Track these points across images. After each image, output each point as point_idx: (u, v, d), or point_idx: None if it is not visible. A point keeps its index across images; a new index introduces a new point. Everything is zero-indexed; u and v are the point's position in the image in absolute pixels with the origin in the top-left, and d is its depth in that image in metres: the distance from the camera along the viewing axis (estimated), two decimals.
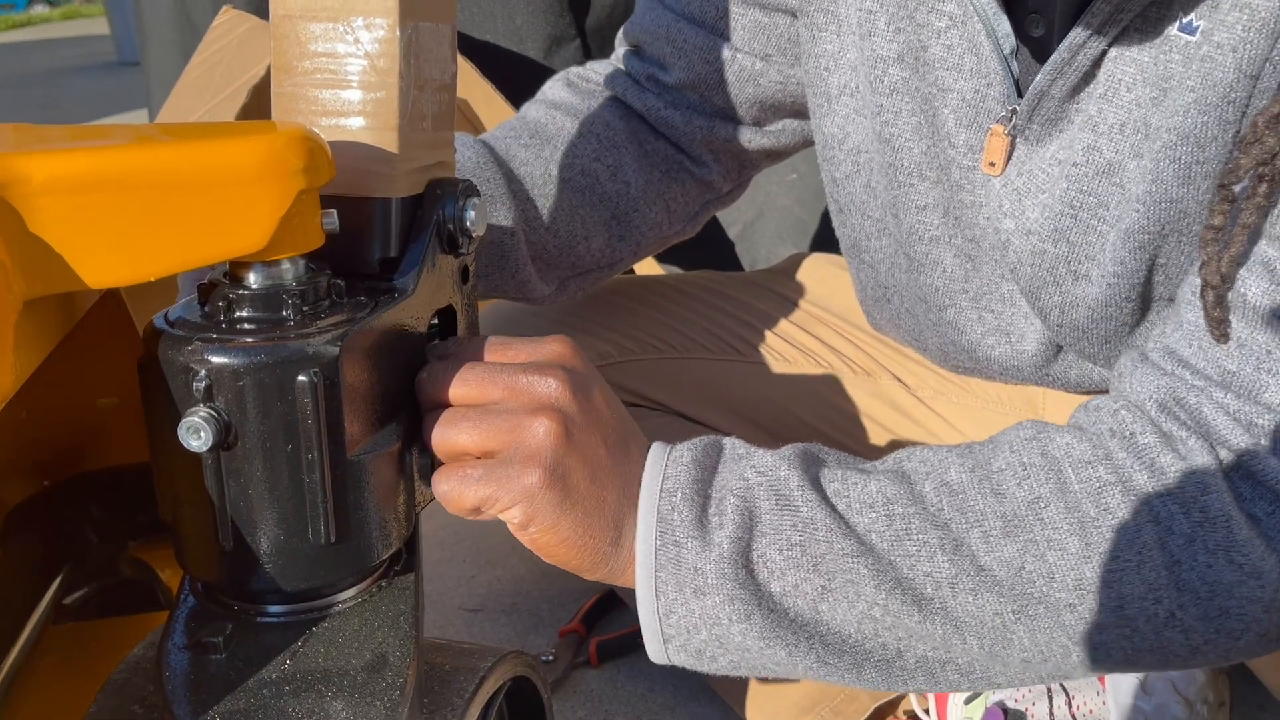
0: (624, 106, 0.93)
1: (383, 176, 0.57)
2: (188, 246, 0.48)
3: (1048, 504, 0.58)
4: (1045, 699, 0.87)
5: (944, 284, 0.84)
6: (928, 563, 0.58)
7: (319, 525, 0.52)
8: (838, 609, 0.58)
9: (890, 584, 0.58)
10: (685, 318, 1.03)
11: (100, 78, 6.75)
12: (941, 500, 0.59)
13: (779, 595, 0.58)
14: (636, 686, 1.10)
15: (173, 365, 0.50)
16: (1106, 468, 0.59)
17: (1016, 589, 0.58)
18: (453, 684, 0.59)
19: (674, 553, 0.57)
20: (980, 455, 0.62)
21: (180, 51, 1.80)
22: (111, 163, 0.46)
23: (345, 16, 0.56)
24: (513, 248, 0.84)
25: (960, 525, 0.58)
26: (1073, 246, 0.73)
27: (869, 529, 0.58)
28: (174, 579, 0.72)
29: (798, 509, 0.58)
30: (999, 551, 0.58)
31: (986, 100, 0.76)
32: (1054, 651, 0.59)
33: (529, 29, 1.56)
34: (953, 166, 0.79)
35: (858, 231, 0.90)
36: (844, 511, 0.59)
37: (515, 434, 0.56)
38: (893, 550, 0.58)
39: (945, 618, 0.58)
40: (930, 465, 0.62)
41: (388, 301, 0.56)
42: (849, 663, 0.59)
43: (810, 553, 0.58)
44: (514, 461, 0.56)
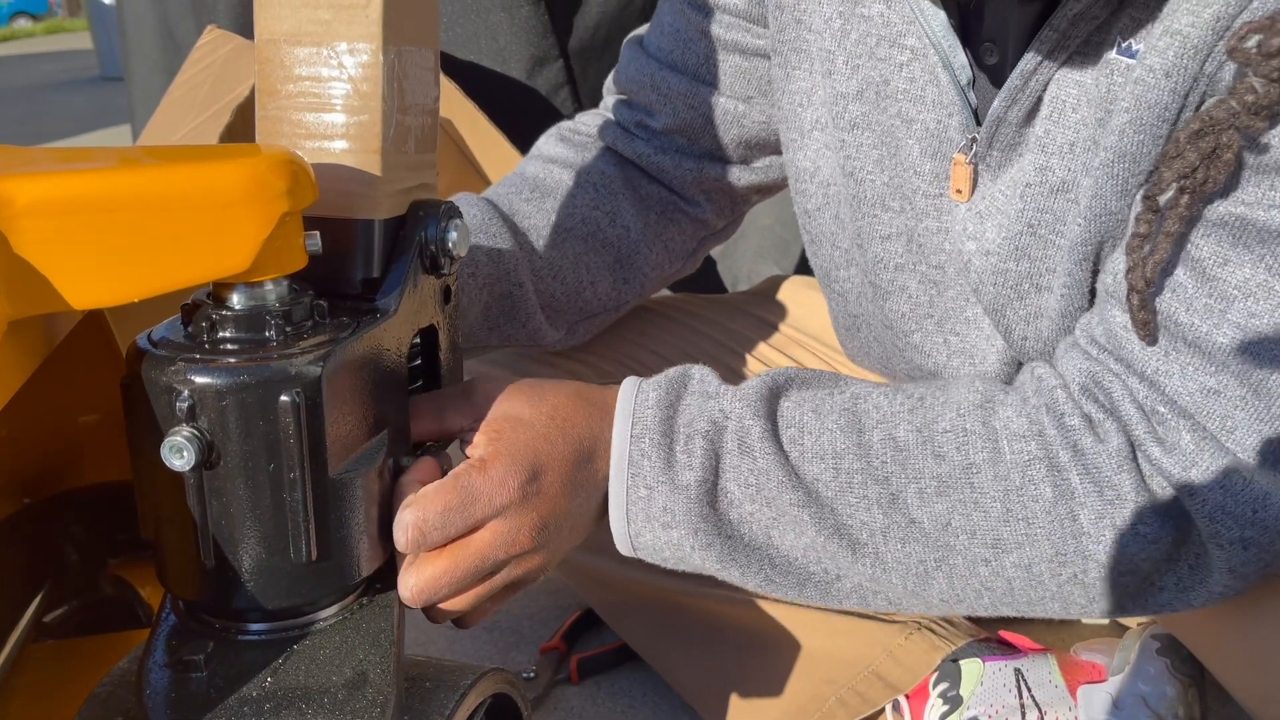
0: (616, 155, 0.96)
1: (365, 198, 0.58)
2: (171, 268, 0.49)
3: (980, 470, 0.66)
4: (1018, 715, 0.88)
5: (910, 309, 0.86)
6: (865, 514, 0.66)
7: (300, 544, 0.53)
8: (785, 537, 0.67)
9: (830, 529, 0.66)
10: (662, 340, 1.04)
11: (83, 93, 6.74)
12: (886, 454, 0.67)
13: (735, 522, 0.67)
14: (617, 703, 1.10)
15: (156, 385, 0.51)
16: (1038, 444, 0.66)
17: (941, 542, 0.66)
18: (433, 701, 0.59)
19: (645, 494, 0.66)
20: (929, 412, 0.68)
21: (164, 68, 1.80)
22: (95, 186, 0.47)
23: (329, 41, 0.56)
24: (522, 298, 0.87)
25: (899, 480, 0.66)
26: (1034, 262, 0.76)
27: (817, 479, 0.66)
28: (155, 597, 0.72)
29: (756, 458, 0.66)
30: (930, 508, 0.66)
31: (948, 130, 0.78)
32: (968, 595, 0.68)
33: (512, 50, 1.57)
34: (918, 195, 0.81)
35: (828, 262, 0.92)
36: (795, 460, 0.67)
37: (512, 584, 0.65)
38: (836, 500, 0.66)
39: (875, 560, 0.67)
40: (883, 414, 0.69)
41: (370, 322, 0.56)
42: (792, 581, 0.68)
43: (764, 494, 0.66)
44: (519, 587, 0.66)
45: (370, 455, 0.56)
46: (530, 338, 0.89)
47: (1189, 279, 0.64)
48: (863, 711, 0.93)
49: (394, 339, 0.58)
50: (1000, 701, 0.89)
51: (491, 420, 0.64)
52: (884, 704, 0.93)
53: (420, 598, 0.60)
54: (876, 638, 0.92)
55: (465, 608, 0.63)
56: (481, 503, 0.61)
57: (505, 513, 0.62)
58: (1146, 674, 0.88)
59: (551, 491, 0.64)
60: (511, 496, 0.62)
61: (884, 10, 0.78)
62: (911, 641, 0.92)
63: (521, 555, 0.63)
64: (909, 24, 0.77)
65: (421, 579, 0.60)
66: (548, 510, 0.63)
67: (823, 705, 0.92)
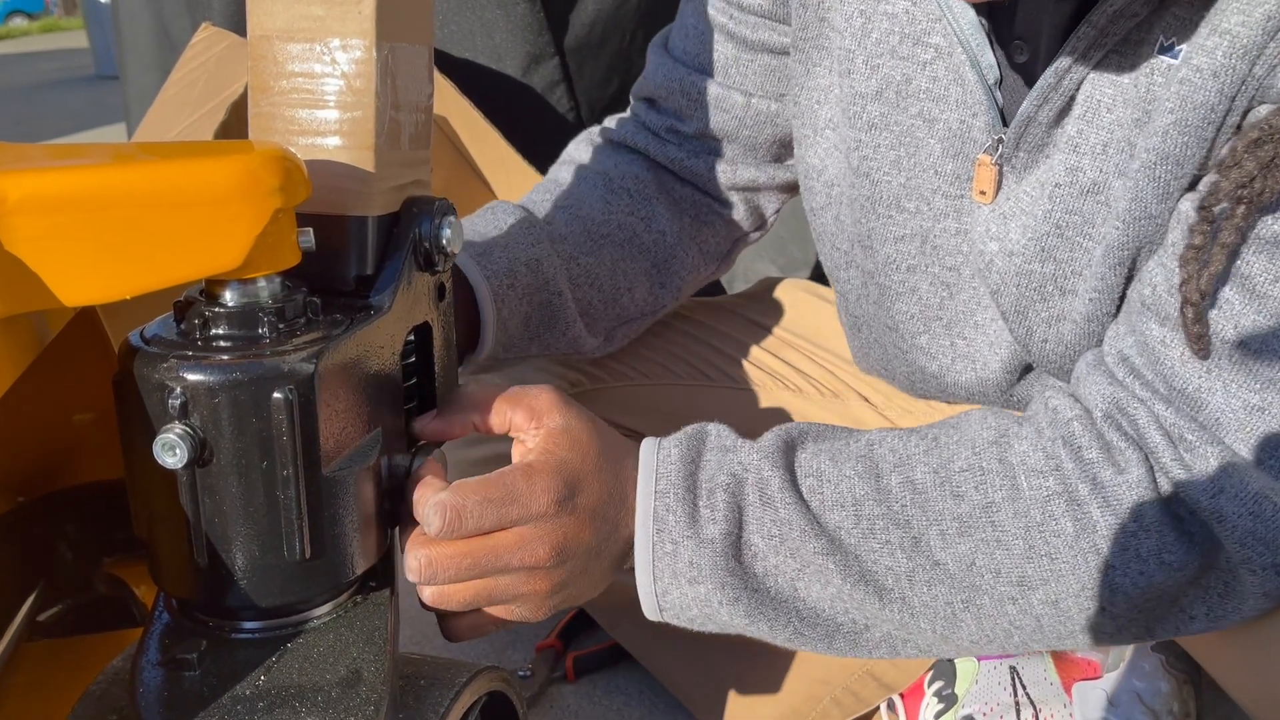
0: (648, 159, 0.95)
1: (359, 195, 0.58)
2: (164, 265, 0.48)
3: (999, 509, 0.65)
4: (1013, 713, 0.88)
5: (919, 311, 0.85)
6: (889, 558, 0.65)
7: (294, 542, 0.53)
8: (811, 588, 0.65)
9: (855, 576, 0.65)
10: (656, 344, 1.04)
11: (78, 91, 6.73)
12: (906, 497, 0.66)
13: (761, 575, 0.66)
14: (613, 701, 1.10)
15: (148, 382, 0.51)
16: (1056, 479, 0.65)
17: (966, 582, 0.65)
18: (428, 699, 0.59)
19: (670, 549, 0.65)
20: (945, 452, 0.67)
21: (159, 67, 1.80)
22: (87, 182, 0.46)
23: (322, 37, 0.56)
24: (561, 307, 0.87)
25: (920, 523, 0.65)
26: (1059, 264, 0.75)
27: (839, 526, 0.65)
28: (149, 595, 0.72)
29: (777, 508, 0.65)
30: (953, 549, 0.65)
31: (972, 130, 0.76)
32: (997, 635, 0.66)
33: (508, 47, 1.56)
34: (937, 195, 0.80)
35: (830, 261, 0.92)
36: (817, 509, 0.66)
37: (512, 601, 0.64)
38: (859, 546, 0.65)
39: (903, 605, 0.65)
40: (899, 457, 0.68)
41: (363, 319, 0.56)
42: (821, 634, 0.67)
43: (788, 545, 0.65)
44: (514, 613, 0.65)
45: (364, 453, 0.56)
46: (570, 345, 0.90)
47: (1237, 295, 0.62)
48: (857, 711, 0.93)
49: (388, 336, 0.58)
50: (995, 699, 0.89)
51: (551, 431, 0.65)
52: (879, 703, 0.94)
53: (424, 572, 0.60)
54: None
55: (458, 602, 0.63)
56: (519, 504, 0.61)
57: (535, 521, 0.62)
58: (1141, 670, 0.88)
59: (582, 517, 0.64)
60: (547, 507, 0.62)
61: (909, 7, 0.77)
62: None
63: (532, 570, 0.63)
64: (934, 21, 0.76)
65: (431, 553, 0.60)
66: (573, 533, 0.63)
67: (817, 705, 0.92)
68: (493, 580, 0.63)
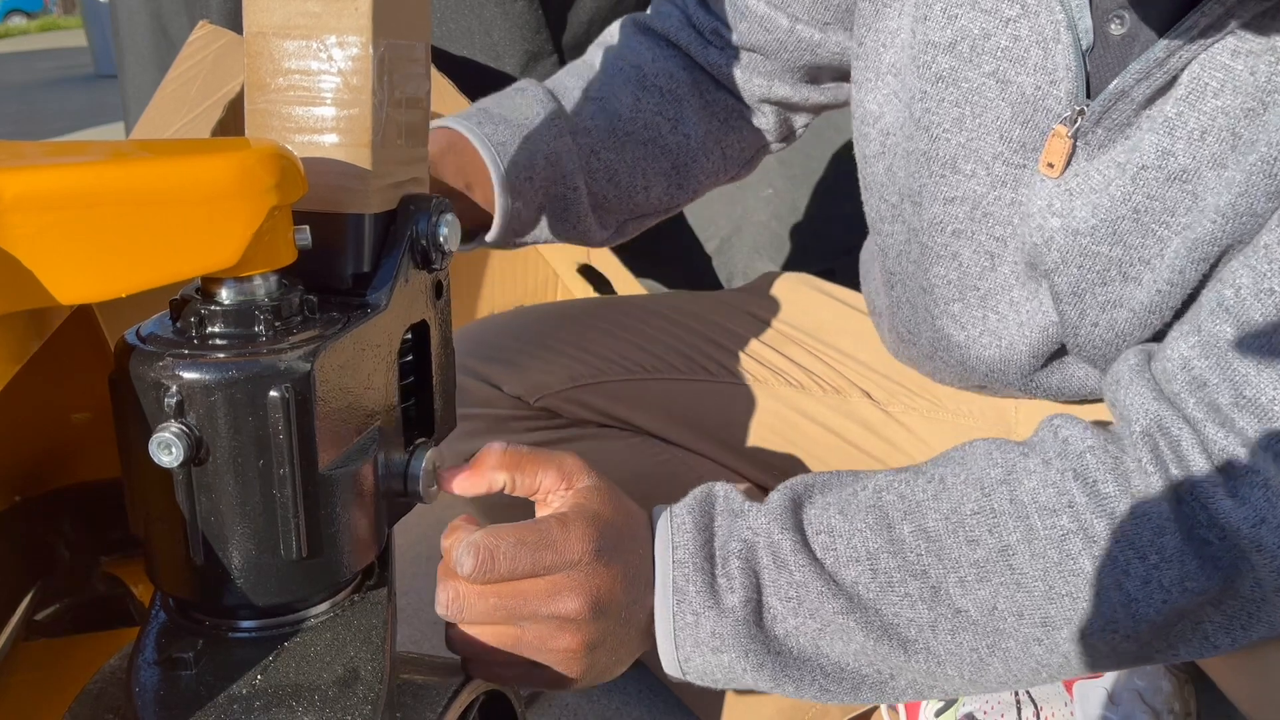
0: (687, 58, 0.95)
1: (356, 192, 0.57)
2: (160, 263, 0.48)
3: (1016, 552, 0.63)
4: (1014, 710, 0.88)
5: (957, 277, 0.83)
6: (910, 610, 0.64)
7: (290, 540, 0.52)
8: (834, 646, 0.65)
9: (878, 631, 0.64)
10: (656, 338, 1.04)
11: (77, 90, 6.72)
12: (920, 546, 0.65)
13: (783, 637, 0.65)
14: (611, 700, 1.10)
15: (144, 381, 0.50)
16: (1069, 516, 0.63)
17: (990, 626, 0.64)
18: (425, 698, 0.59)
19: (692, 620, 0.64)
20: (954, 495, 0.66)
21: (156, 65, 1.80)
22: (83, 179, 0.46)
23: (319, 34, 0.56)
24: (575, 200, 0.88)
25: (938, 572, 0.64)
26: (1128, 249, 0.72)
27: (856, 581, 0.65)
28: (147, 594, 0.72)
29: (792, 572, 0.65)
30: (973, 595, 0.64)
31: (1048, 99, 0.73)
32: (1025, 674, 0.65)
33: (506, 45, 1.56)
34: (997, 162, 0.77)
35: (875, 213, 0.90)
36: (831, 568, 0.65)
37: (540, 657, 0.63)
38: (878, 600, 0.64)
39: (928, 655, 0.64)
40: (909, 505, 0.66)
41: (360, 317, 0.56)
42: (847, 687, 0.66)
43: (806, 606, 0.64)
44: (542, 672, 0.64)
45: (361, 451, 0.56)
46: (579, 237, 0.91)
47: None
48: (857, 708, 0.93)
49: (384, 334, 0.58)
50: (996, 697, 0.89)
51: (581, 489, 0.65)
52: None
53: (451, 607, 0.61)
54: None
55: (485, 647, 0.62)
56: (554, 550, 0.61)
57: (569, 569, 0.62)
58: (1143, 670, 0.87)
59: (615, 571, 0.63)
60: (581, 555, 0.62)
61: None
62: None
63: (564, 622, 0.62)
64: None
65: (461, 588, 0.61)
66: (606, 586, 0.63)
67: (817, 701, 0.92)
68: (521, 628, 0.62)
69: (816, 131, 1.81)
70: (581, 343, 1.02)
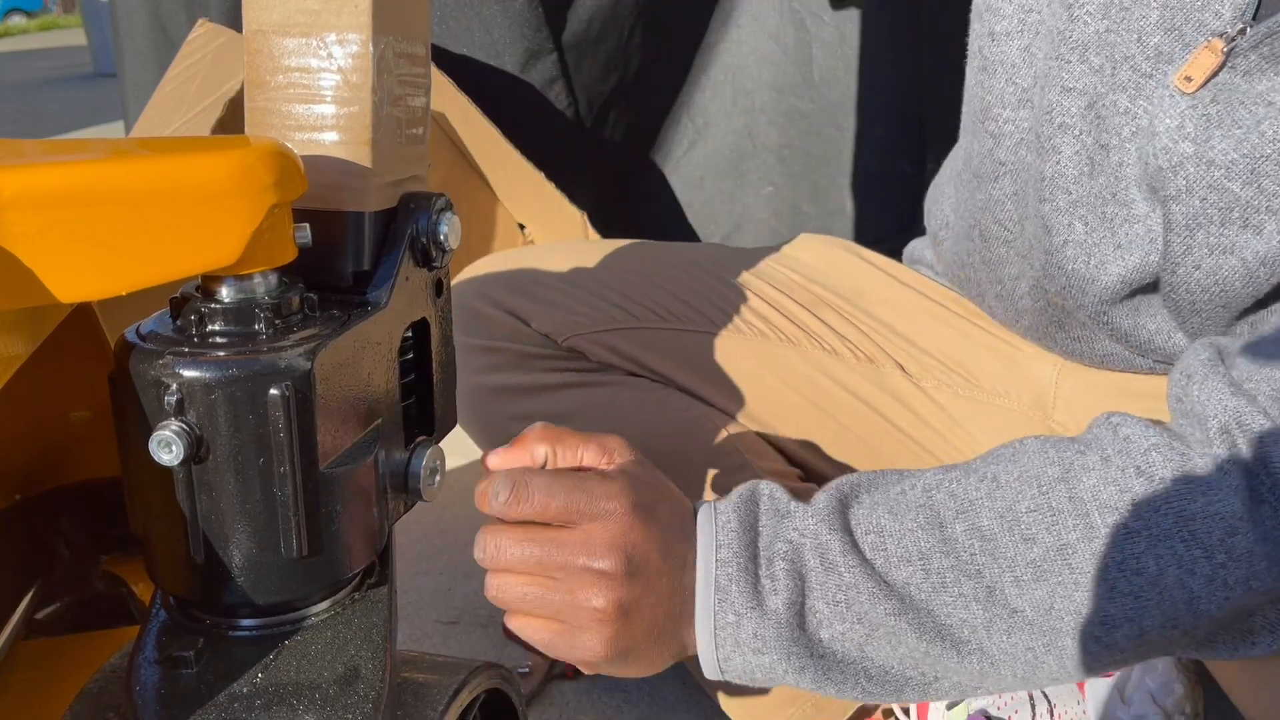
0: None
1: (355, 190, 0.57)
2: (160, 261, 0.48)
3: (1075, 550, 0.62)
4: (1028, 707, 0.88)
5: (1053, 175, 0.79)
6: (964, 611, 0.62)
7: (291, 539, 0.52)
8: (881, 651, 0.63)
9: (931, 633, 0.62)
10: (693, 289, 1.01)
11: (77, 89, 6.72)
12: (974, 546, 0.63)
13: (827, 641, 0.63)
14: (613, 698, 1.10)
15: (144, 379, 0.50)
16: (1133, 514, 0.61)
17: (1046, 626, 0.62)
18: (426, 697, 0.59)
19: (733, 620, 0.63)
20: (1009, 493, 0.64)
21: (156, 64, 1.80)
22: (82, 177, 0.46)
23: (318, 32, 0.56)
24: None
25: (992, 572, 0.62)
26: (1261, 193, 0.68)
27: (907, 582, 0.63)
28: (147, 593, 0.72)
29: (841, 574, 0.63)
30: (1030, 594, 0.62)
31: (1207, 11, 0.68)
32: (1079, 671, 0.63)
33: (506, 43, 1.56)
34: (1125, 64, 0.73)
35: (993, 97, 0.85)
36: (882, 568, 0.64)
37: (574, 617, 0.63)
38: (931, 601, 0.63)
39: (982, 656, 0.63)
40: (960, 504, 0.65)
41: (360, 315, 0.56)
42: (890, 690, 0.65)
43: (855, 610, 0.63)
44: (576, 639, 0.63)
45: (361, 449, 0.56)
46: None
47: None
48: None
49: (385, 332, 0.58)
50: (1009, 693, 0.88)
51: (624, 461, 0.66)
52: None
53: (487, 548, 0.62)
54: None
55: (518, 594, 0.63)
56: (589, 495, 0.62)
57: (604, 518, 0.62)
58: (1154, 670, 0.87)
59: (652, 531, 0.63)
60: (617, 507, 0.62)
61: None
62: None
63: (598, 575, 0.61)
64: None
65: (498, 533, 0.62)
66: (640, 544, 0.62)
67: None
68: (554, 581, 0.62)
69: (816, 129, 1.81)
70: (616, 284, 1.00)
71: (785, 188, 1.83)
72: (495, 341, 0.97)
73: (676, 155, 1.83)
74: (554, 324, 0.97)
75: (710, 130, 1.81)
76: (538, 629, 0.64)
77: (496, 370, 0.96)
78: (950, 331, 0.98)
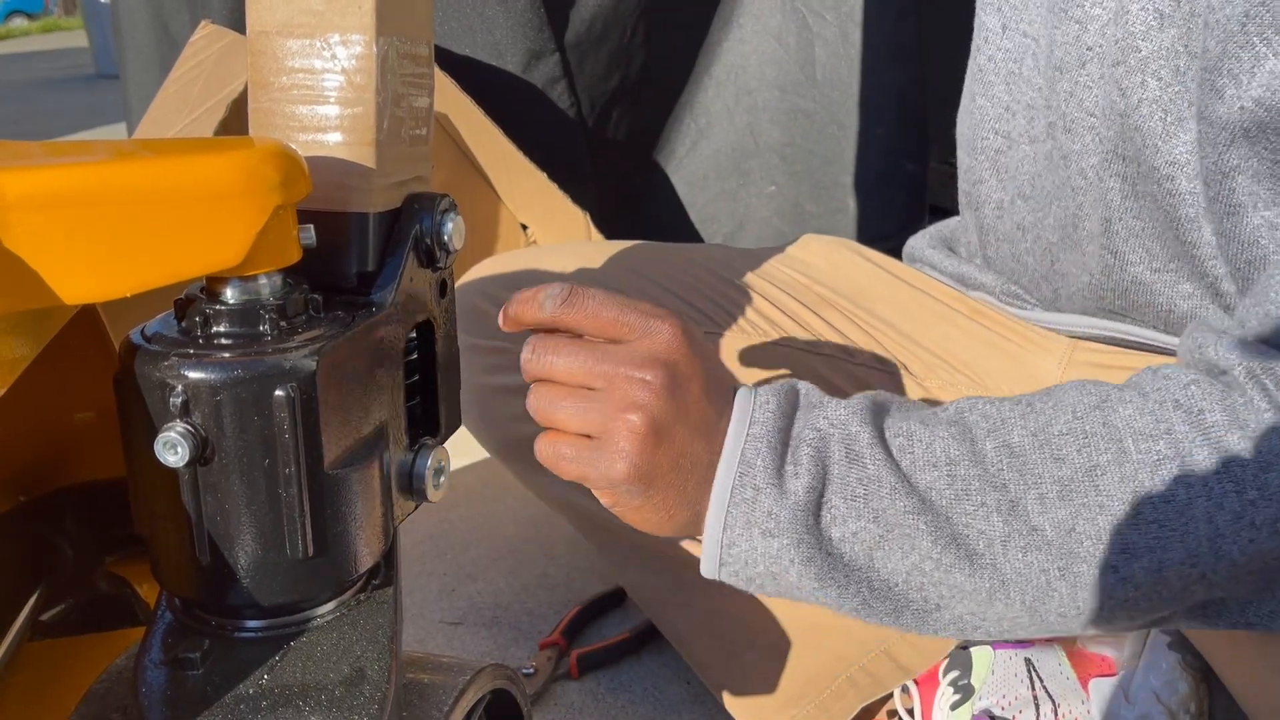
0: None
1: (360, 191, 0.57)
2: (164, 262, 0.48)
3: (1105, 472, 0.61)
4: (1032, 707, 0.88)
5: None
6: (983, 522, 0.61)
7: (296, 540, 0.52)
8: (890, 558, 0.62)
9: (946, 539, 0.61)
10: (695, 289, 1.02)
11: (78, 91, 6.73)
12: (1002, 461, 0.62)
13: (838, 540, 0.62)
14: (617, 699, 1.10)
15: (149, 380, 0.50)
16: (1167, 443, 0.60)
17: (1065, 549, 0.61)
18: (431, 697, 0.59)
19: (750, 495, 0.62)
20: (1042, 417, 0.63)
21: (158, 65, 1.80)
22: (87, 179, 0.46)
23: (322, 33, 0.56)
24: None
25: (1018, 487, 0.61)
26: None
27: (930, 487, 0.62)
28: (152, 594, 0.72)
29: (865, 465, 0.63)
30: (1052, 513, 0.61)
31: None
32: (1090, 607, 0.62)
33: (508, 43, 1.56)
34: None
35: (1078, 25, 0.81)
36: (907, 469, 0.63)
37: (607, 428, 0.61)
38: (951, 508, 0.62)
39: (994, 574, 0.61)
40: (993, 423, 0.64)
41: (365, 316, 0.56)
42: (890, 608, 0.63)
43: (872, 505, 0.62)
44: (603, 453, 0.62)
45: (367, 450, 0.56)
46: None
47: None
48: (873, 693, 0.92)
49: (389, 333, 0.58)
50: (1013, 692, 0.88)
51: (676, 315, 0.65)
52: (894, 687, 0.93)
53: (535, 348, 0.63)
54: None
55: (552, 401, 0.63)
56: (643, 313, 0.62)
57: (653, 335, 0.61)
58: (1159, 669, 0.87)
59: (696, 366, 0.63)
60: (668, 329, 0.62)
61: None
62: None
63: (639, 383, 0.61)
64: None
65: (545, 340, 0.62)
66: (685, 370, 0.62)
67: (833, 682, 0.91)
68: (593, 391, 0.61)
69: (819, 128, 1.81)
70: (620, 284, 1.00)
71: (788, 187, 1.83)
72: (499, 341, 0.97)
73: (679, 154, 1.83)
74: None
75: (713, 129, 1.81)
76: (567, 446, 0.63)
77: (501, 370, 0.96)
78: (954, 330, 0.98)
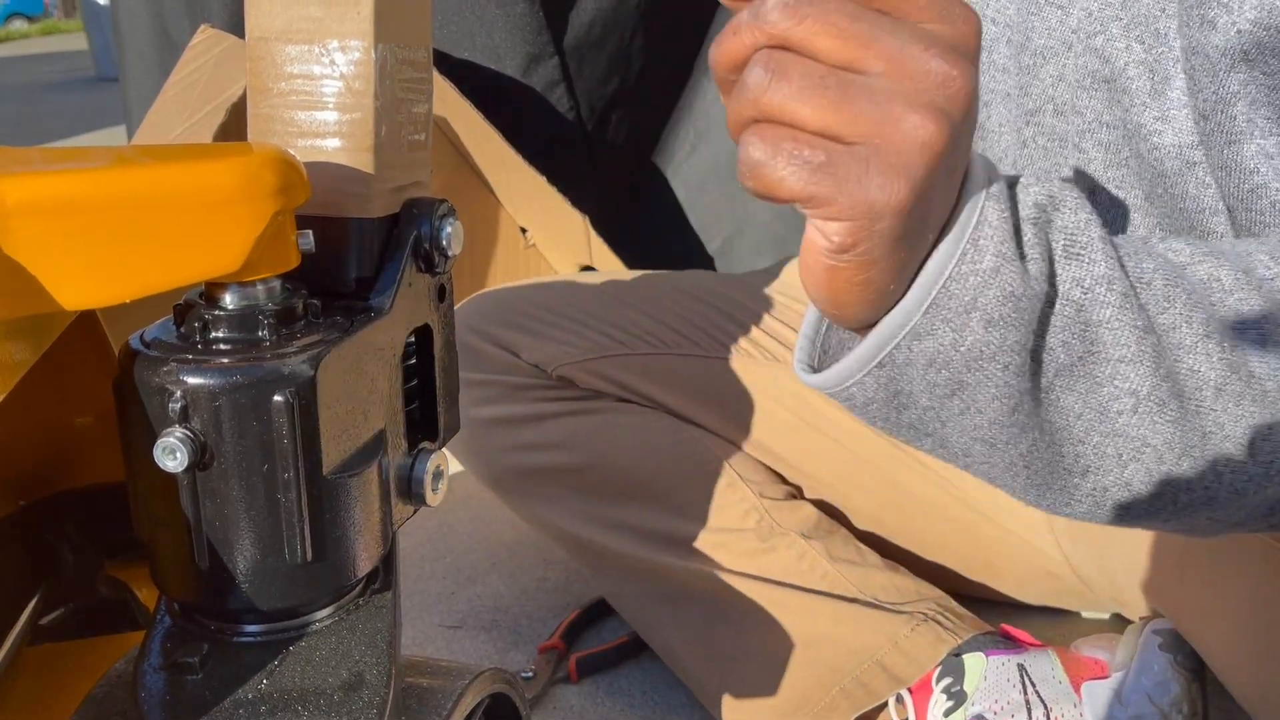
0: None
1: (359, 196, 0.57)
2: (163, 268, 0.48)
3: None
4: (1024, 712, 0.88)
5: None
6: (1206, 363, 0.51)
7: (295, 544, 0.52)
8: (1076, 387, 0.50)
9: (1164, 372, 0.50)
10: (681, 315, 1.03)
11: (79, 94, 6.73)
12: (1226, 298, 0.52)
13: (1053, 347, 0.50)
14: (616, 702, 1.10)
15: (148, 386, 0.50)
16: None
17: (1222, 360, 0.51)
18: (430, 702, 0.59)
19: (972, 267, 0.47)
20: (1239, 261, 0.54)
21: (159, 69, 1.80)
22: (86, 185, 0.46)
23: (321, 39, 0.56)
24: None
25: (1230, 330, 0.51)
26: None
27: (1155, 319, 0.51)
28: (151, 598, 0.72)
29: (1097, 265, 0.50)
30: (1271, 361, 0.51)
31: None
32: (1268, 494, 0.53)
33: (507, 47, 1.56)
34: None
35: None
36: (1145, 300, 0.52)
37: (885, 130, 0.41)
38: (1170, 339, 0.51)
39: (1197, 419, 0.51)
40: (1186, 257, 0.54)
41: (364, 321, 0.56)
42: (1043, 459, 0.52)
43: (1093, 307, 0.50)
44: (871, 165, 0.41)
45: (365, 455, 0.56)
46: None
47: None
48: (866, 704, 0.93)
49: (388, 338, 0.58)
50: (1005, 698, 0.88)
51: None
52: (887, 697, 0.93)
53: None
54: (882, 627, 0.92)
55: (798, 74, 0.41)
56: None
57: (951, 23, 0.42)
58: (1151, 670, 0.87)
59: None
60: (971, 34, 0.43)
61: None
62: (918, 633, 0.92)
63: (935, 76, 0.41)
64: None
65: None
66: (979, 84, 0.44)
67: (827, 694, 0.92)
68: (861, 77, 0.41)
69: None
70: (604, 314, 1.02)
71: None
72: (488, 375, 0.98)
73: (678, 159, 1.83)
74: (544, 355, 0.99)
75: (712, 134, 1.81)
76: (806, 146, 0.42)
77: (490, 403, 0.97)
78: None
